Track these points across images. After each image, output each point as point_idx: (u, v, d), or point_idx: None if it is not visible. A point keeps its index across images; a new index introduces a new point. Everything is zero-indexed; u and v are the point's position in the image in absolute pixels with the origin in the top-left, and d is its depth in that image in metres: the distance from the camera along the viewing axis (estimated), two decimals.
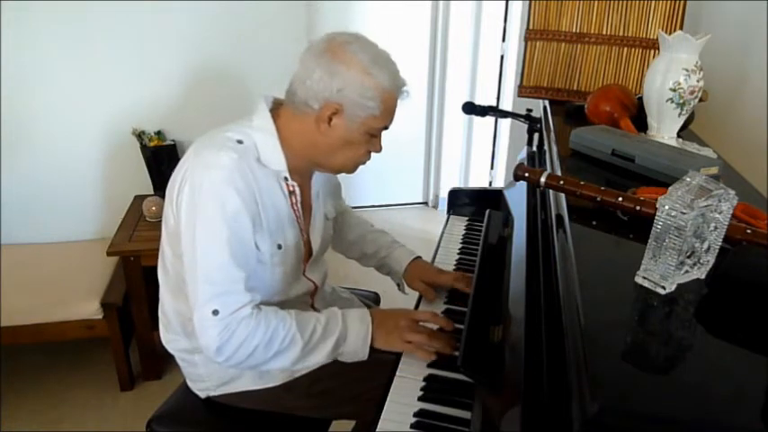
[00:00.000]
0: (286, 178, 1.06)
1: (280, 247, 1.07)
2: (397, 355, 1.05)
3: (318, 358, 1.05)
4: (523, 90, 1.61)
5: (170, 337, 1.16)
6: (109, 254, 1.92)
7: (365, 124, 1.02)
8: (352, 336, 1.05)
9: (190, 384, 1.19)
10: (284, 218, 1.08)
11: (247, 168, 0.99)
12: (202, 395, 1.16)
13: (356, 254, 1.41)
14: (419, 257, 1.34)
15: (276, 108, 1.08)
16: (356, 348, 1.05)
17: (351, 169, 1.11)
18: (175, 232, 1.02)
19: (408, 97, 1.07)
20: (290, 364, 1.04)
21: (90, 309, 1.91)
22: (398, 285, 1.36)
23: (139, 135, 2.27)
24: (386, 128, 1.07)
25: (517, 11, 2.89)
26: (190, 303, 0.99)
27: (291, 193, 1.08)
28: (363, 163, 1.11)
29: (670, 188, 0.62)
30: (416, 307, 1.24)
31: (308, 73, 0.99)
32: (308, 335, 1.02)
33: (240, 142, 1.00)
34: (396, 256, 1.34)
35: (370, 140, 1.07)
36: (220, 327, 0.96)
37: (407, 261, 1.32)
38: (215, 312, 0.96)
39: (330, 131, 1.02)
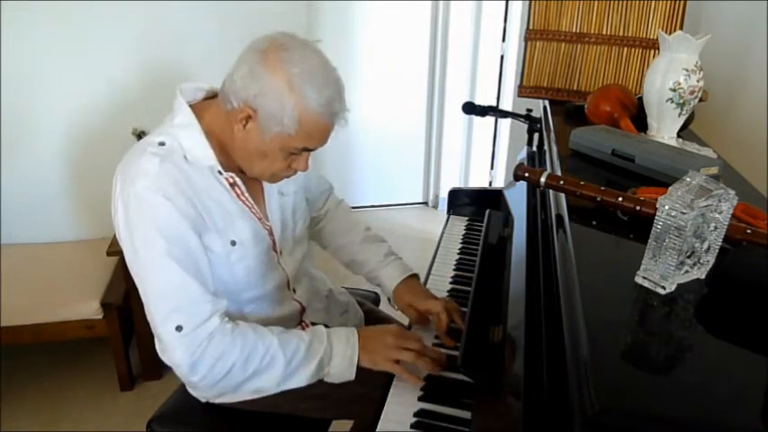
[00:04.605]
0: (220, 172, 0.98)
1: (234, 243, 1.01)
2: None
3: (302, 380, 1.00)
4: (523, 90, 1.61)
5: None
6: (109, 254, 1.92)
7: (279, 140, 0.93)
8: (337, 357, 1.01)
9: (189, 390, 1.18)
10: (232, 212, 1.01)
11: (175, 170, 0.93)
12: (202, 400, 1.15)
13: (345, 259, 1.32)
14: (413, 276, 1.24)
15: (209, 98, 1.03)
16: (342, 369, 1.02)
17: (269, 179, 1.04)
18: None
19: (346, 125, 0.98)
20: (273, 386, 0.99)
21: (90, 309, 1.91)
22: (389, 300, 1.28)
23: (139, 135, 2.27)
24: (309, 149, 0.98)
25: (517, 11, 2.89)
26: (152, 325, 0.94)
27: (233, 185, 1.01)
28: (286, 176, 1.04)
29: (670, 188, 0.62)
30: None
31: (238, 67, 0.92)
32: (291, 354, 0.98)
33: (162, 144, 0.95)
34: (386, 274, 1.24)
35: (290, 157, 0.98)
36: (188, 343, 0.92)
37: (398, 280, 1.22)
38: (178, 328, 0.91)
39: (245, 135, 0.94)
